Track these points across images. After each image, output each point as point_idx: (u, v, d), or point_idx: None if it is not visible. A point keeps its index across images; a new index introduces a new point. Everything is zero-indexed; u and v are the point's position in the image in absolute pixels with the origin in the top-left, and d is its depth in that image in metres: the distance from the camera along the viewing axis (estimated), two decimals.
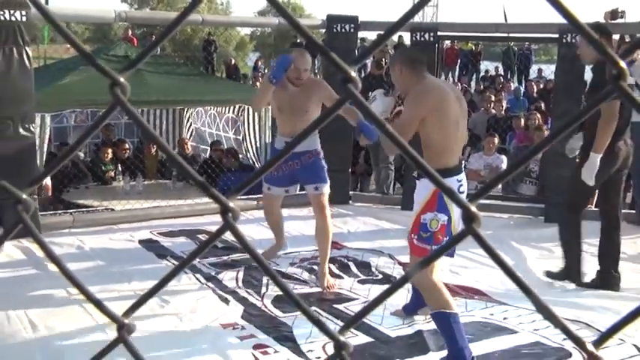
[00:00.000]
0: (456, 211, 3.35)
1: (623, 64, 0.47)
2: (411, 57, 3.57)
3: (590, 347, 0.54)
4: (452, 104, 3.42)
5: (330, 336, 0.61)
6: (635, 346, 3.66)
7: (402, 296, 4.17)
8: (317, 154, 4.65)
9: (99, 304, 0.66)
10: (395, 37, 21.21)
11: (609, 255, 4.80)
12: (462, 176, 3.54)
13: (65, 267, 0.67)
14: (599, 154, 4.29)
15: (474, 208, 0.54)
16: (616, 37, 6.45)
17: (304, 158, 4.58)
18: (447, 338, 3.35)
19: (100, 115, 0.64)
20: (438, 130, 3.37)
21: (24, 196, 0.64)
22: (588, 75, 8.53)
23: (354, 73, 0.53)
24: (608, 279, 4.73)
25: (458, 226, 3.41)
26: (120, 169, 7.82)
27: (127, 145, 8.33)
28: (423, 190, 3.41)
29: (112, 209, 6.44)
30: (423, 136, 3.41)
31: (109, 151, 7.96)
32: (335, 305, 4.27)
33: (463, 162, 3.80)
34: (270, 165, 0.69)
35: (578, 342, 0.54)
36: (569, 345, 3.62)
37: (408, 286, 4.07)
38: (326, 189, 4.63)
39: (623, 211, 6.74)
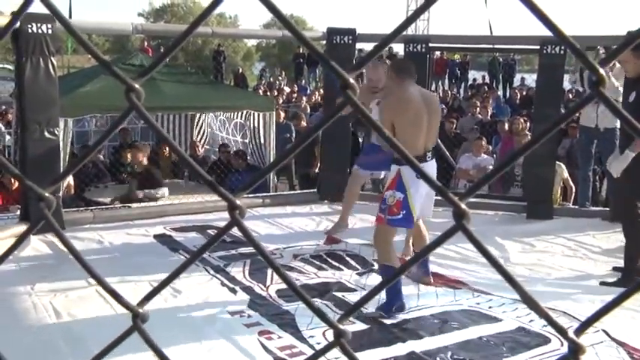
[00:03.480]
0: (412, 189, 3.89)
1: (602, 71, 0.47)
2: (400, 66, 4.17)
3: (572, 335, 0.53)
4: (414, 110, 3.97)
5: (330, 324, 0.61)
6: (604, 331, 3.66)
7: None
8: None
9: (115, 294, 0.65)
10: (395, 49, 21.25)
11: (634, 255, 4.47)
12: (422, 165, 3.89)
13: (84, 259, 0.66)
14: (633, 153, 4.24)
15: (463, 206, 0.53)
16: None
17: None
18: (387, 288, 3.83)
19: (117, 119, 0.63)
20: (404, 129, 3.92)
21: (46, 194, 0.64)
22: (566, 84, 8.46)
23: (352, 80, 0.53)
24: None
25: (414, 202, 3.92)
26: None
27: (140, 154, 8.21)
28: (391, 173, 4.04)
29: (129, 206, 6.44)
30: (395, 132, 3.92)
31: (129, 153, 7.94)
32: (335, 294, 4.26)
33: (430, 155, 4.18)
34: (274, 165, 0.68)
35: (561, 330, 0.53)
36: (548, 332, 3.62)
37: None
38: None
39: (597, 208, 6.76)
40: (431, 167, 4.20)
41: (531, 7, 0.47)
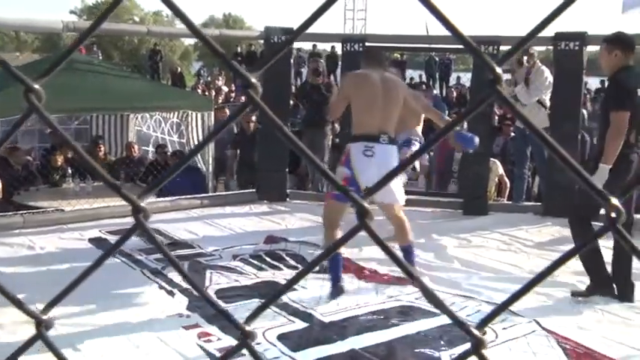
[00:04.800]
0: (359, 167, 4.06)
1: (498, 70, 0.48)
2: (367, 53, 4.72)
3: (474, 330, 0.54)
4: (367, 89, 4.16)
5: (237, 326, 0.60)
6: (535, 321, 3.79)
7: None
8: None
9: (17, 303, 0.63)
10: (328, 48, 21.31)
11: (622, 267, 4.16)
12: (374, 144, 4.10)
13: None
14: (608, 165, 3.93)
15: (365, 204, 0.53)
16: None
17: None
18: (329, 265, 4.18)
19: (17, 121, 0.61)
20: (355, 106, 4.20)
21: None
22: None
23: (254, 80, 0.52)
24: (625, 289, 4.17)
25: (362, 178, 4.03)
26: (70, 171, 7.60)
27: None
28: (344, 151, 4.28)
29: (62, 210, 6.26)
30: (352, 109, 4.24)
31: (59, 156, 7.71)
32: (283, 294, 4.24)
33: (385, 138, 4.17)
34: (171, 172, 0.67)
35: (463, 325, 0.54)
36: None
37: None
38: None
39: (530, 203, 6.95)
40: (383, 150, 4.13)
41: (430, 8, 0.48)
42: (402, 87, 4.51)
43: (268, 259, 4.99)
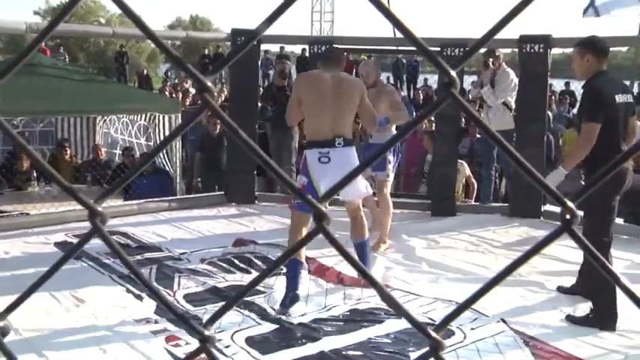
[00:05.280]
0: (316, 174, 4.03)
1: (453, 73, 0.49)
2: (324, 55, 4.66)
3: (432, 332, 0.56)
4: (317, 89, 4.10)
5: (195, 330, 0.60)
6: (504, 321, 3.85)
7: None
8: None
9: None
10: (296, 50, 21.30)
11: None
12: (328, 149, 4.05)
13: None
14: (566, 171, 3.86)
15: (323, 208, 0.54)
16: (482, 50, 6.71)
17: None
18: (289, 276, 4.08)
19: None
20: (306, 108, 4.14)
21: None
22: (466, 83, 8.71)
23: (209, 83, 0.52)
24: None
25: (320, 185, 4.00)
26: (35, 174, 7.49)
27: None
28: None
29: (27, 213, 6.16)
30: (304, 113, 4.20)
31: (25, 161, 7.59)
32: (243, 298, 4.23)
33: (340, 142, 4.10)
34: (128, 177, 0.67)
35: (421, 329, 0.55)
36: (452, 325, 3.74)
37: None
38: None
39: (497, 204, 7.04)
40: (339, 154, 4.06)
41: (385, 12, 0.49)
42: (360, 88, 4.29)
43: (237, 262, 4.97)
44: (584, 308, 4.00)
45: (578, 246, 0.53)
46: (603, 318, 3.78)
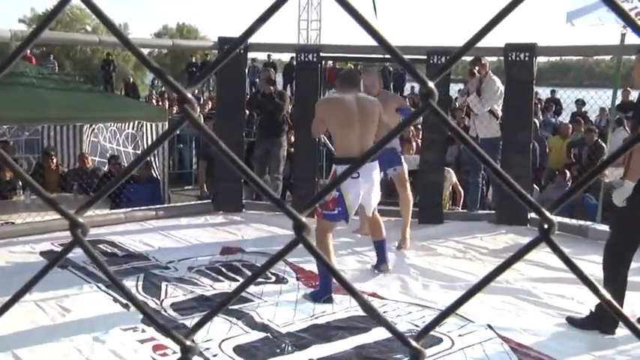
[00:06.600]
0: (347, 188, 4.30)
1: (431, 84, 0.50)
2: (342, 77, 4.76)
3: (412, 341, 0.56)
4: (342, 113, 4.41)
5: (177, 340, 0.61)
6: (491, 327, 3.87)
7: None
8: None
9: None
10: (283, 58, 21.35)
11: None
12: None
13: None
14: (632, 182, 3.72)
15: (303, 218, 0.55)
16: (468, 58, 6.76)
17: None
18: (321, 276, 4.35)
19: None
20: (333, 129, 4.54)
21: None
22: (452, 91, 8.74)
23: (190, 95, 0.53)
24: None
25: (350, 200, 4.34)
26: (20, 183, 7.44)
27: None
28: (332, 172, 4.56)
29: (12, 222, 6.12)
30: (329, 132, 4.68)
31: (8, 171, 7.54)
32: (231, 306, 4.22)
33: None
34: (115, 184, 0.67)
35: (402, 338, 0.56)
36: (440, 332, 3.76)
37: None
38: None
39: (484, 211, 7.08)
40: (367, 168, 4.40)
41: (362, 22, 0.49)
42: (379, 106, 4.67)
43: (224, 271, 4.97)
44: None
45: (556, 255, 0.55)
46: (604, 321, 3.74)
